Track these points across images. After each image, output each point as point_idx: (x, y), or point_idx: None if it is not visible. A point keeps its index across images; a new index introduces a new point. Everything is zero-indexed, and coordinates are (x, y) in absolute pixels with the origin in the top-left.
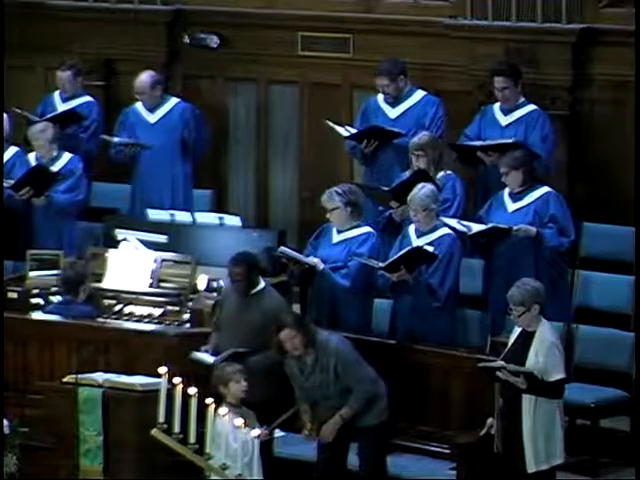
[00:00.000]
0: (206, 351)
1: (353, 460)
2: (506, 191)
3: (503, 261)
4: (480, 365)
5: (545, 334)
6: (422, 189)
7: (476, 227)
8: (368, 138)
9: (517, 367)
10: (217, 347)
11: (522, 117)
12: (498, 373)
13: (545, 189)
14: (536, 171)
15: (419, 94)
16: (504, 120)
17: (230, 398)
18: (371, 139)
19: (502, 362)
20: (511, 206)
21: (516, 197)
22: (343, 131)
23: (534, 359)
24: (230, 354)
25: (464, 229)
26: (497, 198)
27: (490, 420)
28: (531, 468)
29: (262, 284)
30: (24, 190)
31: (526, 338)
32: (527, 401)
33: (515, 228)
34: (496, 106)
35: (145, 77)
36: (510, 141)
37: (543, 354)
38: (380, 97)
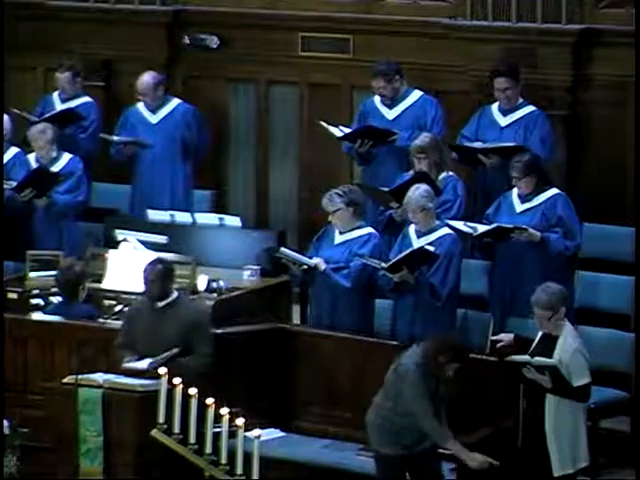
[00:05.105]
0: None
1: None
2: (515, 192)
3: (508, 262)
4: (507, 359)
5: (569, 339)
6: (417, 190)
7: (482, 228)
8: (362, 138)
9: (543, 360)
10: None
11: (521, 118)
12: (525, 371)
13: (554, 191)
14: (548, 174)
15: (416, 94)
16: (503, 121)
17: None
18: (365, 139)
19: (528, 357)
20: (520, 207)
21: (525, 198)
22: (337, 131)
23: (557, 364)
24: (168, 357)
25: (470, 230)
26: (506, 198)
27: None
28: (557, 472)
29: (175, 294)
30: (27, 191)
31: (549, 342)
32: (549, 402)
33: (517, 230)
34: (494, 106)
35: (147, 78)
36: (512, 144)
37: (567, 359)
38: (377, 98)
